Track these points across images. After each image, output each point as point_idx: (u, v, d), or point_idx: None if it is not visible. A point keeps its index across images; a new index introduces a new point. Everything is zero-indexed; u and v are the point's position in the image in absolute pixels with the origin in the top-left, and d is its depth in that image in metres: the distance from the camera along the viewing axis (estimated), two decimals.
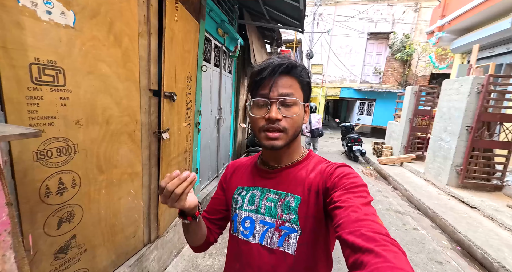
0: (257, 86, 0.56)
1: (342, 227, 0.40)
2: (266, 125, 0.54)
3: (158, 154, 1.54)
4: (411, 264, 0.32)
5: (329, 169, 0.55)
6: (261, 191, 0.61)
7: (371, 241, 0.35)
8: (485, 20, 4.27)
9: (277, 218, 0.57)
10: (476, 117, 3.45)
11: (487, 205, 3.19)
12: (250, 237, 0.59)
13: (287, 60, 0.55)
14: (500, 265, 2.06)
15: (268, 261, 0.56)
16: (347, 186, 0.48)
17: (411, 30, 10.09)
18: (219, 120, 2.99)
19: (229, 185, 0.69)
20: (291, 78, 0.55)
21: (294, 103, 0.54)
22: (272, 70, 0.53)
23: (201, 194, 2.56)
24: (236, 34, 3.03)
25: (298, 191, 0.57)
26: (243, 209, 0.62)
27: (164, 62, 1.42)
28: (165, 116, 1.51)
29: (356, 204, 0.43)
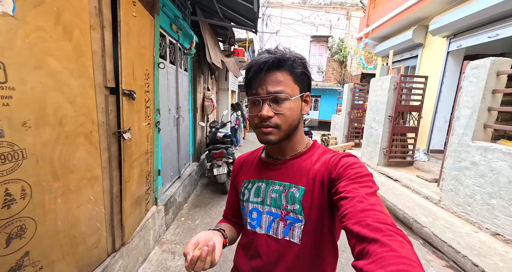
0: (248, 85, 0.57)
1: (348, 217, 0.40)
2: (259, 123, 0.56)
3: (119, 155, 1.45)
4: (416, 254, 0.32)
5: (333, 160, 0.56)
6: (266, 183, 0.62)
7: (377, 231, 0.35)
8: (396, 31, 5.34)
9: (282, 208, 0.58)
10: (394, 109, 4.33)
11: (404, 177, 4.08)
12: (258, 228, 0.61)
13: (272, 55, 0.54)
14: (414, 220, 2.72)
15: (275, 249, 0.58)
16: (352, 176, 0.48)
17: (345, 35, 11.63)
18: (178, 119, 2.90)
19: (238, 181, 0.71)
20: (281, 73, 0.54)
21: (285, 99, 0.54)
22: (258, 68, 0.53)
23: (164, 196, 2.46)
24: (190, 30, 2.97)
25: (302, 182, 0.57)
26: (250, 201, 0.63)
27: (122, 58, 1.34)
28: (125, 116, 1.43)
29: (362, 194, 0.43)
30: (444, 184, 2.94)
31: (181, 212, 2.85)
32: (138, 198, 1.75)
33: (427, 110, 4.50)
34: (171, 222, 2.57)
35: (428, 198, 3.28)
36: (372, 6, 6.08)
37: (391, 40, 5.52)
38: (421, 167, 4.42)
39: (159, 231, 2.22)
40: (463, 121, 2.68)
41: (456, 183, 2.75)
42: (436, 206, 3.06)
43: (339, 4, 11.54)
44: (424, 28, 4.63)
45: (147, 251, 1.99)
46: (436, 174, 4.00)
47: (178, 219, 2.70)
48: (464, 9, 3.48)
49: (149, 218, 1.98)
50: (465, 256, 1.99)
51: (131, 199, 1.62)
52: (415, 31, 4.64)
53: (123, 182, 1.48)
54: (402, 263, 0.30)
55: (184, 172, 3.28)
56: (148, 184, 1.97)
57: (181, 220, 2.68)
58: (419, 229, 2.61)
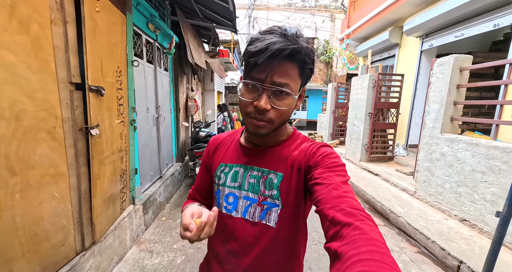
0: (250, 68, 0.50)
1: (323, 202, 0.43)
2: (253, 114, 0.52)
3: (87, 152, 1.44)
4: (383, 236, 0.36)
5: (312, 148, 0.57)
6: (244, 168, 0.62)
7: (351, 216, 0.38)
8: (374, 31, 5.56)
9: (260, 194, 0.58)
10: (373, 106, 4.49)
11: (384, 171, 4.22)
12: (233, 212, 0.61)
13: (291, 43, 0.47)
14: (391, 211, 2.82)
15: (251, 232, 0.59)
16: (328, 164, 0.50)
17: (330, 37, 11.94)
18: (158, 119, 2.88)
19: (212, 162, 0.69)
20: (291, 65, 0.50)
21: (287, 94, 0.51)
22: (271, 56, 0.46)
23: (143, 195, 2.44)
24: (169, 30, 2.98)
25: (280, 168, 0.58)
26: (226, 186, 0.62)
27: (87, 54, 1.34)
28: (92, 112, 1.42)
29: (337, 182, 0.45)
30: (419, 176, 3.08)
31: (162, 212, 2.83)
32: (111, 196, 1.73)
33: (404, 106, 4.69)
34: (151, 221, 2.54)
35: (405, 190, 3.41)
36: (352, 8, 6.30)
37: (370, 40, 5.73)
38: (401, 161, 4.59)
39: (137, 231, 2.20)
40: (432, 115, 2.83)
41: (429, 174, 2.88)
42: (412, 197, 3.19)
43: (324, 7, 11.85)
44: (399, 29, 4.85)
45: (123, 251, 1.97)
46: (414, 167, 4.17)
47: (159, 218, 2.67)
48: (433, 10, 3.69)
49: (125, 217, 1.96)
50: (434, 241, 2.09)
51: (103, 197, 1.60)
52: (392, 31, 4.85)
53: (92, 179, 1.47)
54: (372, 244, 0.33)
55: (167, 172, 3.25)
56: (123, 182, 1.95)
57: (162, 220, 2.65)
58: (395, 219, 2.71)
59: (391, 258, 0.31)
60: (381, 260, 0.30)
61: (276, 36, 0.48)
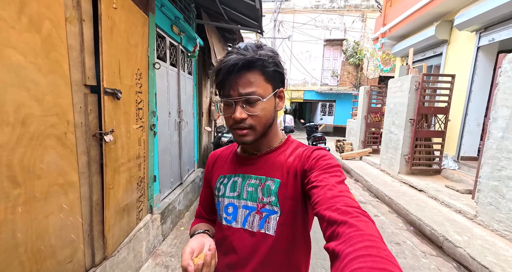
0: (219, 87, 0.56)
1: (320, 204, 0.43)
2: (234, 125, 0.56)
3: (100, 159, 1.33)
4: (378, 230, 0.36)
5: (306, 152, 0.58)
6: (242, 178, 0.63)
7: (345, 214, 0.38)
8: (416, 28, 4.97)
9: (258, 201, 0.59)
10: (416, 111, 3.93)
11: (430, 187, 3.62)
12: (233, 222, 0.61)
13: (243, 56, 0.52)
14: (444, 238, 2.32)
15: (248, 243, 0.59)
16: (323, 166, 0.51)
17: (360, 38, 11.23)
18: (180, 123, 2.80)
19: (212, 176, 0.71)
20: (252, 73, 0.53)
21: (256, 100, 0.54)
22: (227, 71, 0.51)
23: (161, 204, 2.33)
24: (194, 33, 2.92)
25: (277, 175, 0.59)
26: (226, 196, 0.63)
27: (103, 54, 1.25)
28: (107, 116, 1.32)
29: (332, 182, 0.46)
30: (481, 196, 2.51)
31: (181, 221, 2.71)
32: (126, 206, 1.62)
33: (455, 112, 4.04)
34: (169, 231, 2.42)
35: (461, 212, 2.84)
36: (389, 4, 5.76)
37: (410, 38, 5.14)
38: (451, 176, 3.92)
39: (153, 242, 2.08)
40: (501, 123, 2.29)
41: (496, 195, 2.32)
42: (472, 222, 2.61)
43: (354, 7, 11.23)
44: (448, 23, 4.23)
45: (138, 264, 1.85)
46: (470, 185, 3.51)
47: (177, 228, 2.55)
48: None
49: (141, 228, 1.84)
50: None
51: (116, 207, 1.49)
52: (438, 27, 4.25)
53: (106, 188, 1.36)
54: (368, 239, 0.33)
55: (187, 179, 3.16)
56: (141, 190, 1.85)
57: (181, 230, 2.52)
58: (451, 249, 2.22)
59: (387, 251, 0.31)
60: (377, 254, 0.31)
61: (230, 55, 0.53)
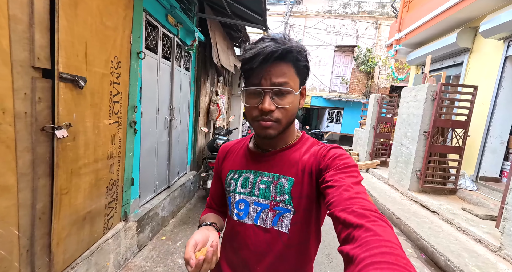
0: (248, 75, 0.53)
1: (335, 205, 0.42)
2: (259, 117, 0.53)
3: (51, 158, 1.10)
4: (397, 237, 0.34)
5: (322, 151, 0.56)
6: (254, 174, 0.61)
7: (362, 217, 0.37)
8: (435, 35, 4.64)
9: (271, 199, 0.58)
10: (431, 123, 3.59)
11: (445, 209, 3.25)
12: (245, 218, 0.60)
13: (281, 45, 0.49)
14: None
15: (263, 239, 0.58)
16: (339, 166, 0.49)
17: (373, 45, 10.91)
18: (171, 122, 2.58)
19: (222, 170, 0.69)
20: (286, 64, 0.51)
21: (288, 93, 0.52)
22: (264, 59, 0.49)
23: (141, 210, 2.09)
24: (193, 26, 2.72)
25: (291, 173, 0.57)
26: (237, 192, 0.62)
27: (60, 31, 1.03)
28: (62, 107, 1.09)
29: (348, 183, 0.45)
30: (508, 226, 2.16)
31: (164, 229, 2.45)
32: (89, 214, 1.39)
33: (475, 127, 3.67)
34: (148, 241, 2.17)
35: (482, 241, 2.47)
36: (406, 9, 5.46)
37: (428, 45, 4.81)
38: (468, 197, 3.53)
39: (125, 254, 1.83)
40: None
41: None
42: (495, 255, 2.25)
43: (368, 13, 10.95)
44: (471, 30, 3.90)
45: None
46: (490, 209, 3.12)
47: (158, 237, 2.30)
48: None
49: (109, 238, 1.60)
50: None
51: (72, 216, 1.25)
52: (460, 33, 3.92)
53: (57, 193, 1.12)
54: (385, 246, 0.32)
55: (177, 182, 2.92)
56: (112, 195, 1.62)
57: (161, 240, 2.27)
58: None
59: (405, 260, 0.30)
60: (395, 262, 0.29)
61: (266, 42, 0.50)
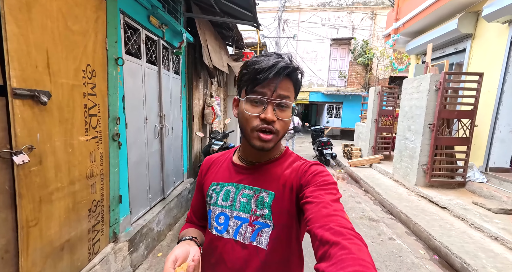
0: (256, 84, 0.53)
1: (313, 221, 0.43)
2: (261, 126, 0.53)
3: (12, 187, 0.96)
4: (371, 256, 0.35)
5: (303, 167, 0.57)
6: (236, 187, 0.61)
7: (338, 235, 0.38)
8: (435, 22, 4.45)
9: (251, 213, 0.57)
10: (436, 115, 3.43)
11: (455, 204, 3.11)
12: (224, 233, 0.59)
13: (290, 62, 0.54)
14: None
15: (241, 255, 0.57)
16: (319, 183, 0.51)
17: (369, 36, 10.69)
18: (162, 130, 2.43)
19: (204, 182, 0.68)
20: (290, 82, 0.55)
21: (288, 107, 0.55)
22: (277, 72, 0.51)
23: (133, 227, 1.95)
24: (180, 27, 2.56)
25: (272, 187, 0.57)
26: (218, 205, 0.61)
27: (9, 39, 0.88)
28: (20, 128, 0.94)
29: (327, 200, 0.46)
30: None
31: (160, 244, 2.32)
32: (67, 243, 1.25)
33: (482, 116, 3.51)
34: (143, 259, 2.04)
35: (498, 239, 2.33)
36: None
37: (427, 33, 4.63)
38: (478, 190, 3.39)
39: None
40: None
41: None
42: None
43: (363, 4, 10.71)
44: (473, 15, 3.72)
45: None
46: (503, 202, 2.98)
47: (154, 254, 2.16)
48: None
49: (95, 265, 1.46)
50: None
51: (46, 249, 1.11)
52: (462, 19, 3.74)
53: (22, 227, 0.98)
54: (359, 264, 0.33)
55: (172, 192, 2.78)
56: (96, 217, 1.48)
57: (157, 256, 2.13)
58: None
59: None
60: None
61: (277, 58, 0.54)
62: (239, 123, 0.57)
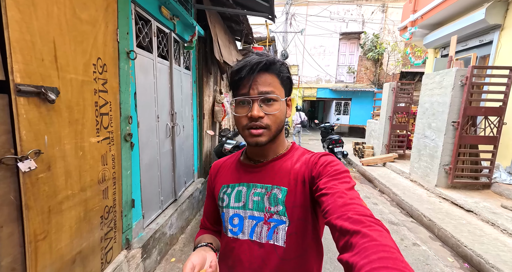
0: (237, 86, 0.55)
1: (330, 212, 0.42)
2: (249, 123, 0.54)
3: (18, 198, 0.84)
4: (394, 241, 0.34)
5: (313, 159, 0.57)
6: (247, 187, 0.60)
7: (358, 223, 0.37)
8: (458, 12, 4.18)
9: (265, 211, 0.56)
10: (461, 112, 3.21)
11: (482, 207, 2.92)
12: (240, 234, 0.59)
13: (265, 57, 0.54)
14: None
15: (258, 254, 0.56)
16: (331, 173, 0.50)
17: (380, 30, 10.32)
18: (173, 129, 2.31)
19: (215, 186, 0.68)
20: (270, 75, 0.55)
21: (275, 100, 0.55)
22: (251, 69, 0.53)
23: (146, 232, 1.85)
24: (191, 19, 2.41)
25: (284, 182, 0.57)
26: (230, 207, 0.61)
27: (10, 27, 0.75)
28: (25, 130, 0.82)
29: (342, 189, 0.45)
30: None
31: (173, 248, 2.22)
32: (79, 255, 1.14)
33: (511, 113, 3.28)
34: (156, 265, 1.94)
35: None
36: None
37: (449, 25, 4.36)
38: (506, 192, 3.18)
39: None
40: None
41: None
42: None
43: None
44: (503, 4, 3.46)
45: None
46: None
47: (167, 259, 2.06)
48: None
49: None
50: None
51: (56, 264, 1.00)
52: (490, 8, 3.48)
53: (30, 241, 0.87)
54: (383, 251, 0.31)
55: (184, 193, 2.67)
56: (109, 224, 1.37)
57: (171, 262, 2.03)
58: None
59: (404, 263, 0.30)
60: (393, 266, 0.29)
61: (252, 56, 0.55)
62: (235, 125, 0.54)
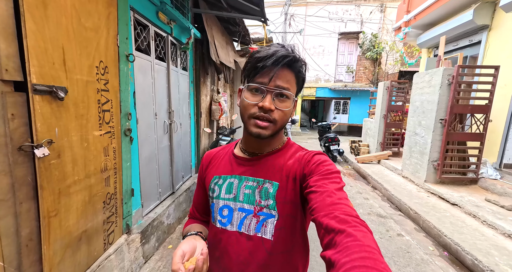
0: (256, 73, 0.54)
1: (318, 210, 0.43)
2: (258, 113, 0.53)
3: (34, 180, 1.00)
4: (376, 242, 0.36)
5: (306, 156, 0.57)
6: (239, 179, 0.61)
7: (343, 223, 0.38)
8: (449, 13, 4.29)
9: (256, 204, 0.57)
10: (449, 110, 3.34)
11: (466, 201, 3.05)
12: (228, 225, 0.59)
13: (291, 52, 0.54)
14: None
15: (246, 247, 0.56)
16: (323, 172, 0.51)
17: (378, 30, 10.41)
18: (171, 126, 2.47)
19: (206, 176, 0.68)
20: (291, 72, 0.54)
21: (288, 97, 0.55)
22: (276, 61, 0.52)
23: (144, 220, 2.01)
24: (188, 23, 2.56)
25: (276, 178, 0.58)
26: (221, 198, 0.61)
27: (28, 36, 0.91)
28: (40, 123, 0.98)
29: (331, 189, 0.46)
30: None
31: (170, 237, 2.38)
32: (84, 233, 1.30)
33: (498, 111, 3.40)
34: (154, 251, 2.10)
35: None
36: None
37: (440, 26, 4.47)
38: (491, 187, 3.30)
39: (130, 267, 1.76)
40: None
41: None
42: None
43: None
44: (490, 5, 3.57)
45: None
46: None
47: (164, 246, 2.23)
48: None
49: (110, 255, 1.52)
50: None
51: (65, 239, 1.16)
52: (478, 9, 3.59)
53: (44, 217, 1.03)
54: (365, 251, 0.33)
55: (181, 187, 2.83)
56: (111, 209, 1.53)
57: (168, 248, 2.19)
58: None
59: (384, 264, 0.31)
60: (373, 266, 0.31)
61: (278, 47, 0.54)
62: (240, 111, 0.58)
